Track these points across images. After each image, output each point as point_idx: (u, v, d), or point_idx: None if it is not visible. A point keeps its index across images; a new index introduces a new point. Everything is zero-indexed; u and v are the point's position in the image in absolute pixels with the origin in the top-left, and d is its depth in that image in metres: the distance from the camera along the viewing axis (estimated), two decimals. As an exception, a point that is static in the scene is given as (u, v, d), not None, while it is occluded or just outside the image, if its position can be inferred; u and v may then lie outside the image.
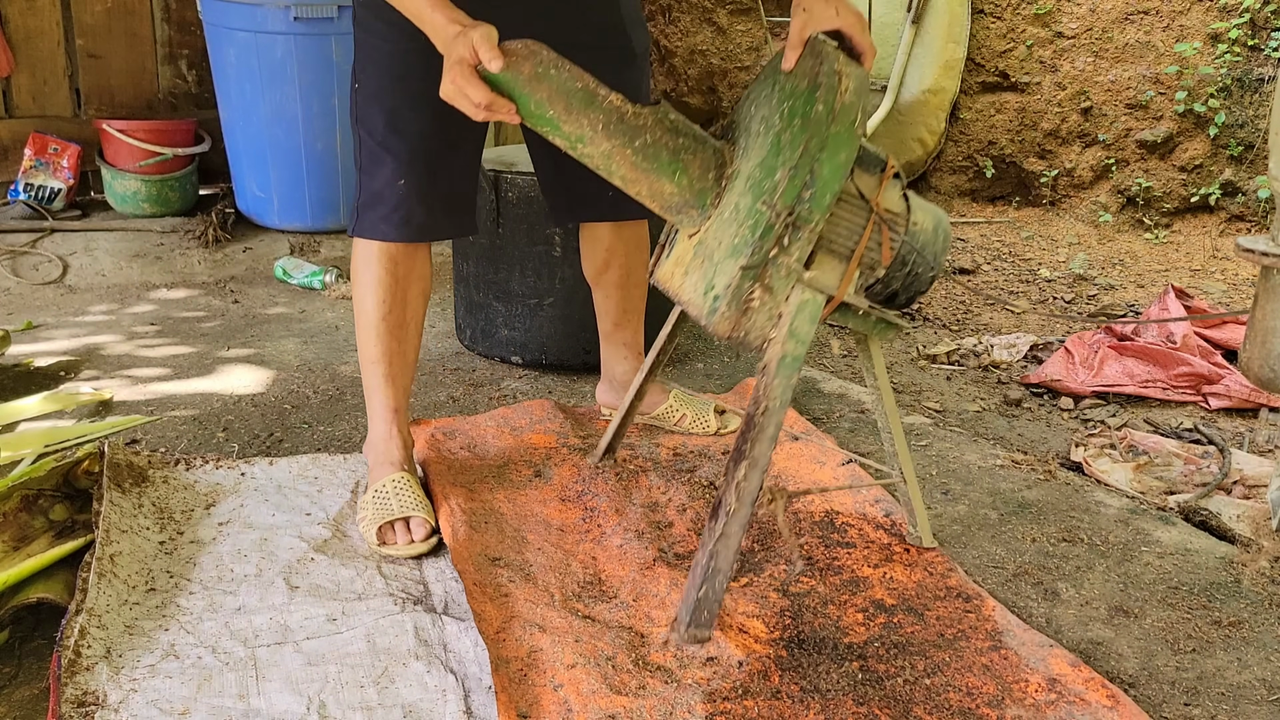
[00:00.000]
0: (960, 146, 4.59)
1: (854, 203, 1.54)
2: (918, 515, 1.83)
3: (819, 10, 1.50)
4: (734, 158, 1.55)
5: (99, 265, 3.31)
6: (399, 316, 1.88)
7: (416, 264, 1.89)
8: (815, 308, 1.43)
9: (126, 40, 3.76)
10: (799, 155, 1.38)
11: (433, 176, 1.83)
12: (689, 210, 1.56)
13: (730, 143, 1.59)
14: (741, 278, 1.42)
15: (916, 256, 1.61)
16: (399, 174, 1.80)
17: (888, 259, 1.58)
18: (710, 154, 1.55)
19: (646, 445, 2.19)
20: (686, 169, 1.52)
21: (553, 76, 1.45)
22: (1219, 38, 4.06)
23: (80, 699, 1.35)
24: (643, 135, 1.49)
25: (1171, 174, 4.22)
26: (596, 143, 1.48)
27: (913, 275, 1.64)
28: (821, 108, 1.39)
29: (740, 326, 1.45)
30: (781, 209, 1.39)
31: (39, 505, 1.75)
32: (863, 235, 1.54)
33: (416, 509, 1.79)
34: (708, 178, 1.53)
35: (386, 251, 1.85)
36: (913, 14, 4.26)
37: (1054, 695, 1.47)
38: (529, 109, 1.47)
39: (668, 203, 1.55)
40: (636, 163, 1.50)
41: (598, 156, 1.50)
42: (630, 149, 1.49)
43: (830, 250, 1.53)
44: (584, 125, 1.47)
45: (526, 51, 1.44)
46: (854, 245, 1.54)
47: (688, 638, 1.43)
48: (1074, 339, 2.86)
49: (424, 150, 1.80)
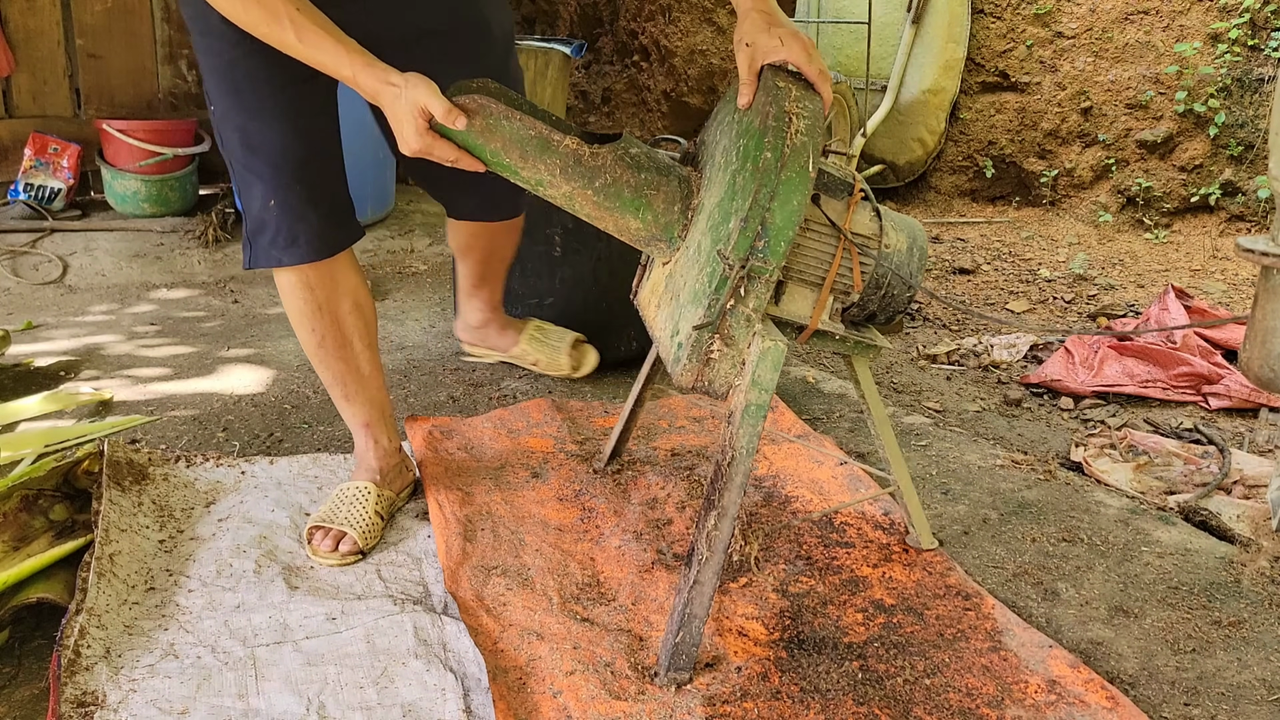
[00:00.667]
0: (960, 146, 4.59)
1: (822, 230, 1.53)
2: (916, 520, 1.83)
3: (763, 43, 1.46)
4: (700, 187, 1.54)
5: (99, 265, 3.31)
6: (336, 338, 1.80)
7: (338, 279, 1.78)
8: (778, 355, 1.41)
9: (126, 40, 3.77)
10: (749, 205, 1.36)
11: (306, 189, 1.71)
12: (657, 243, 1.55)
13: (698, 170, 1.58)
14: (698, 335, 1.41)
15: (891, 278, 1.61)
16: (269, 195, 1.69)
17: (859, 285, 1.58)
18: (675, 186, 1.53)
19: (644, 447, 2.19)
20: (650, 204, 1.51)
21: (504, 128, 1.45)
22: (1219, 38, 4.06)
23: (80, 699, 1.35)
24: (602, 175, 1.48)
25: (1171, 174, 4.22)
26: (557, 185, 1.48)
27: (889, 297, 1.63)
28: (770, 155, 1.36)
29: (704, 377, 1.44)
30: (735, 260, 1.37)
31: (39, 505, 1.75)
32: (833, 263, 1.54)
33: (353, 526, 1.75)
34: (673, 211, 1.52)
35: (298, 276, 1.74)
36: (913, 14, 4.26)
37: (1054, 696, 1.47)
38: (486, 157, 1.48)
39: (635, 237, 1.54)
40: (599, 202, 1.49)
41: (560, 198, 1.50)
42: (591, 189, 1.48)
43: (801, 280, 1.53)
44: (541, 171, 1.47)
45: (475, 106, 1.44)
46: (824, 273, 1.54)
47: (667, 680, 1.44)
48: (1074, 339, 2.86)
49: (287, 165, 1.69)
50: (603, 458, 2.07)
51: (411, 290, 3.28)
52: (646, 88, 5.57)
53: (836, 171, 1.57)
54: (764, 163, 1.36)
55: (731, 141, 1.48)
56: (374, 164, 3.63)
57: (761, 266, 1.38)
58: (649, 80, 5.53)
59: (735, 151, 1.45)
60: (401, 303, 3.16)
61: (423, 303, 3.17)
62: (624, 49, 5.70)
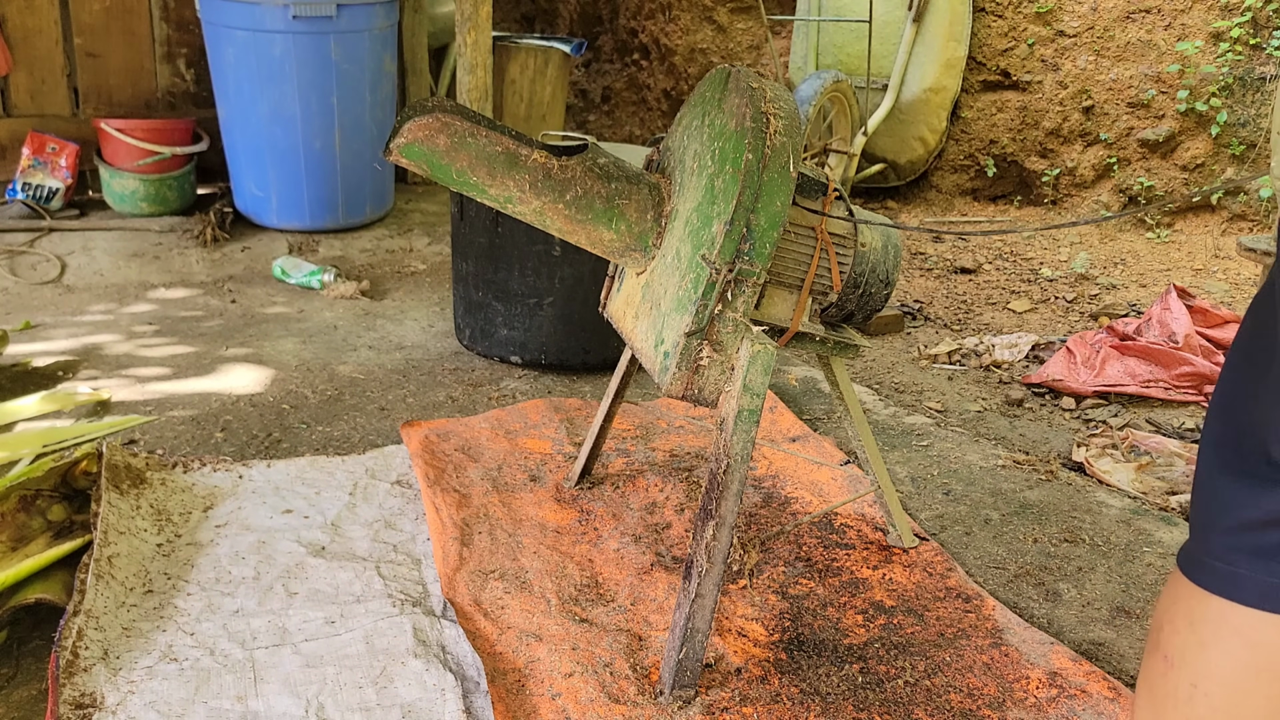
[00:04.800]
0: (961, 145, 4.58)
1: (799, 232, 1.52)
2: (897, 520, 1.83)
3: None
4: (671, 194, 1.52)
5: (97, 265, 3.30)
6: None
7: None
8: (768, 358, 1.40)
9: (125, 39, 3.76)
10: (733, 209, 1.35)
11: None
12: (632, 253, 1.54)
13: (665, 176, 1.56)
14: (688, 341, 1.39)
15: (869, 276, 1.60)
16: None
17: (839, 285, 1.57)
18: (646, 194, 1.51)
19: (642, 449, 2.18)
20: (623, 214, 1.49)
21: (470, 144, 1.42)
22: (1220, 36, 4.05)
23: (78, 700, 1.35)
24: (572, 188, 1.46)
25: (1173, 173, 4.21)
26: (527, 201, 1.46)
27: (866, 295, 1.62)
28: (751, 156, 1.35)
29: (693, 385, 1.43)
30: (721, 265, 1.36)
31: (37, 506, 1.75)
32: (810, 264, 1.53)
33: None
34: (646, 219, 1.51)
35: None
36: (914, 12, 4.25)
37: (1055, 690, 1.46)
38: (451, 178, 1.44)
39: (609, 248, 1.53)
40: (571, 215, 1.47)
41: (530, 214, 1.48)
42: (562, 203, 1.46)
43: (780, 283, 1.52)
44: (510, 187, 1.44)
45: (439, 124, 1.41)
46: (803, 275, 1.53)
47: (673, 699, 1.42)
48: (1075, 338, 2.85)
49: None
50: (571, 478, 2.01)
51: (410, 290, 3.27)
52: (646, 86, 5.56)
53: (810, 171, 1.56)
54: (745, 164, 1.35)
55: (704, 145, 1.47)
56: (372, 163, 3.63)
57: (748, 269, 1.37)
58: (649, 79, 5.52)
59: (710, 155, 1.44)
60: (400, 302, 3.15)
61: (422, 302, 3.16)
62: (624, 47, 5.69)
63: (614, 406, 1.96)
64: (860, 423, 1.77)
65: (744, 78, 1.43)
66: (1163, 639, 0.79)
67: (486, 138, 1.42)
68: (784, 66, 4.73)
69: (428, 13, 4.16)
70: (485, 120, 1.47)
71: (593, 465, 2.03)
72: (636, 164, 1.59)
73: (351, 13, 3.35)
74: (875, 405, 2.53)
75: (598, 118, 5.82)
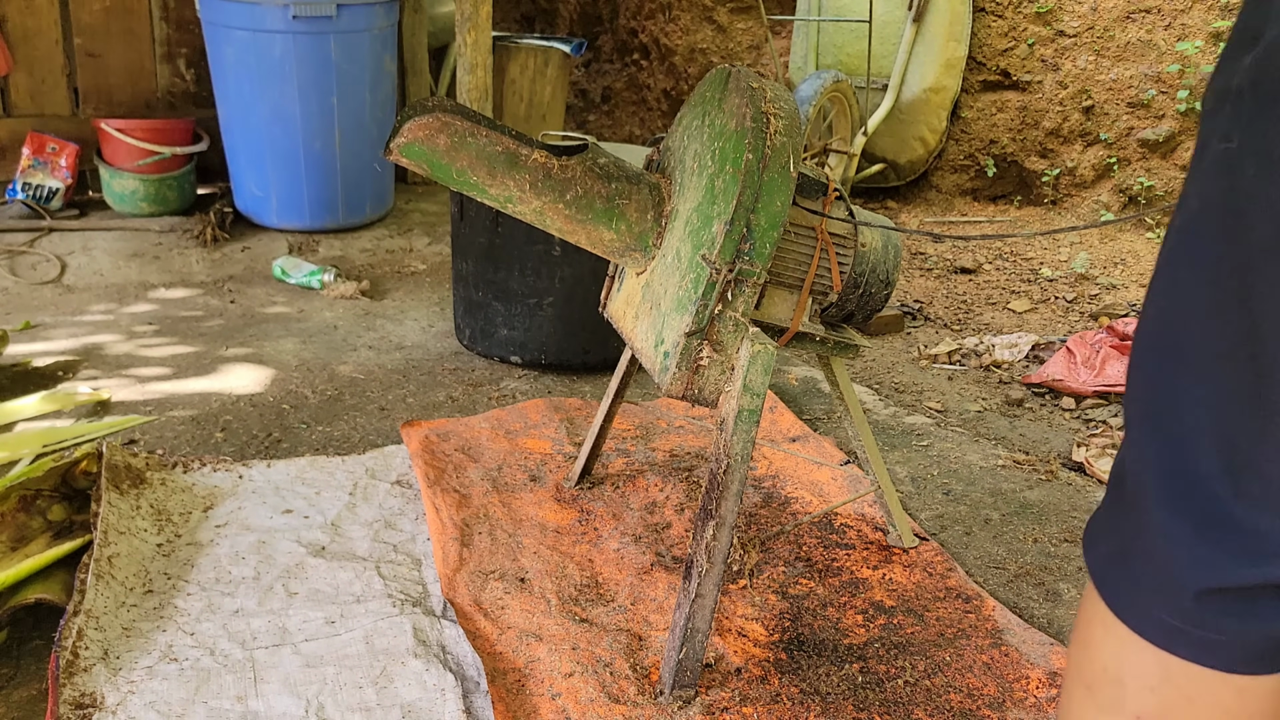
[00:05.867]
0: (961, 145, 4.58)
1: (799, 232, 1.52)
2: (897, 520, 1.83)
3: None
4: (671, 194, 1.52)
5: (97, 265, 3.30)
6: None
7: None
8: (768, 358, 1.39)
9: (125, 39, 3.76)
10: (733, 208, 1.35)
11: None
12: (632, 253, 1.54)
13: (665, 176, 1.56)
14: (688, 341, 1.39)
15: (869, 276, 1.60)
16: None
17: (839, 285, 1.57)
18: (646, 193, 1.51)
19: (642, 448, 2.18)
20: (623, 214, 1.49)
21: (470, 144, 1.42)
22: (1221, 36, 4.05)
23: (78, 700, 1.35)
24: (573, 188, 1.46)
25: (1174, 173, 4.21)
26: (527, 201, 1.46)
27: (866, 295, 1.62)
28: (752, 156, 1.36)
29: (693, 385, 1.43)
30: (721, 265, 1.36)
31: (37, 505, 1.75)
32: (811, 264, 1.53)
33: None
34: (646, 219, 1.51)
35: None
36: (914, 12, 4.25)
37: (1055, 690, 1.46)
38: (451, 177, 1.44)
39: (609, 248, 1.53)
40: (571, 215, 1.47)
41: (530, 214, 1.48)
42: (562, 203, 1.46)
43: (780, 283, 1.52)
44: (510, 187, 1.44)
45: (439, 124, 1.41)
46: (803, 275, 1.52)
47: (673, 698, 1.42)
48: (1075, 338, 2.85)
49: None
50: (571, 478, 2.02)
51: (410, 290, 3.27)
52: (646, 86, 5.56)
53: (810, 171, 1.56)
54: (746, 164, 1.35)
55: (704, 145, 1.47)
56: (372, 163, 3.63)
57: (749, 269, 1.37)
58: (649, 79, 5.52)
59: (710, 155, 1.44)
60: (400, 302, 3.15)
61: (421, 302, 3.16)
62: (624, 47, 5.69)
63: (614, 406, 1.96)
64: (860, 423, 1.77)
65: (744, 78, 1.43)
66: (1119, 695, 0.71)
67: (486, 137, 1.42)
68: (784, 66, 4.73)
69: (428, 13, 4.16)
70: (485, 120, 1.47)
71: (593, 465, 2.02)
72: (636, 164, 1.59)
73: (351, 13, 3.35)
74: (875, 405, 2.53)
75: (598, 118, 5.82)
